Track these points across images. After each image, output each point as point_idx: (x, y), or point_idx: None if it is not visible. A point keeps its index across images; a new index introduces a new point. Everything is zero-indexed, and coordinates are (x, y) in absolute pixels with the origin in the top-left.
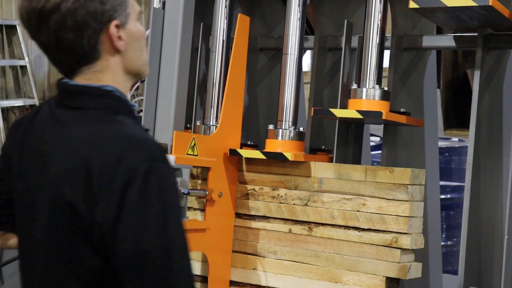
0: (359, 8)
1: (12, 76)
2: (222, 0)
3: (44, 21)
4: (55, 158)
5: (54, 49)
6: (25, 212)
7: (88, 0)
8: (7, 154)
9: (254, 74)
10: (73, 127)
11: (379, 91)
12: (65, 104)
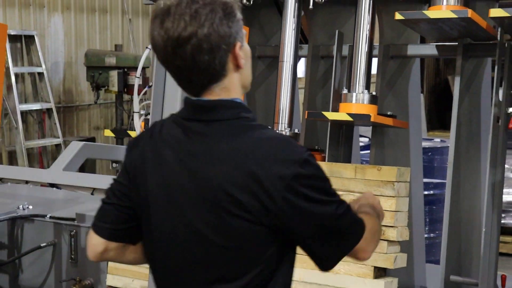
0: (349, 19)
1: (30, 82)
2: None
3: (181, 47)
4: (213, 165)
5: (188, 71)
6: (166, 216)
7: (219, 26)
8: (129, 171)
9: (253, 80)
10: (222, 137)
11: (368, 95)
12: (199, 118)
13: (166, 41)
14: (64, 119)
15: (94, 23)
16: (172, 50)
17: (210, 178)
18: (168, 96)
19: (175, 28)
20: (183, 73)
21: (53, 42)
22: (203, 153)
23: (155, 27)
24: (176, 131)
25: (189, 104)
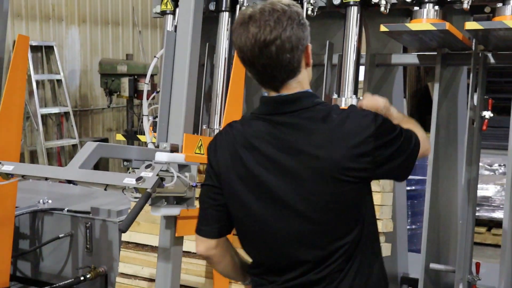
0: (338, 31)
1: (50, 88)
2: (224, 24)
3: (267, 47)
4: (314, 145)
5: (272, 68)
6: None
7: (297, 29)
8: (218, 172)
9: (251, 86)
10: (311, 122)
11: (356, 100)
12: (285, 111)
13: (254, 44)
14: (80, 122)
15: (107, 35)
16: (259, 51)
17: (317, 156)
18: (174, 101)
19: (261, 32)
20: (267, 70)
21: (70, 52)
22: (300, 138)
23: (242, 32)
24: (265, 126)
25: (271, 101)
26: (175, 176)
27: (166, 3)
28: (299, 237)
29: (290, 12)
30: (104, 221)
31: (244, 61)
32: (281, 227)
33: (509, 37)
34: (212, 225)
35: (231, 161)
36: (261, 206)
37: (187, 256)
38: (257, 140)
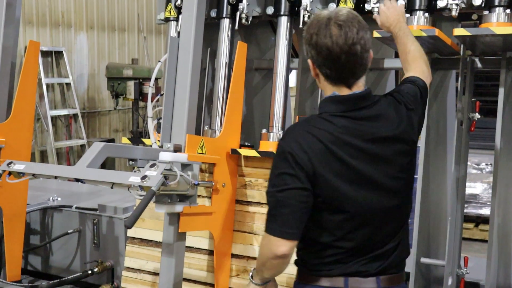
0: None
1: (59, 91)
2: (225, 30)
3: (354, 45)
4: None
5: (354, 64)
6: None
7: (370, 33)
8: (309, 171)
9: (251, 89)
10: (385, 111)
11: None
12: (362, 106)
13: (344, 41)
14: (88, 123)
15: (114, 40)
16: (348, 48)
17: (396, 138)
18: (177, 103)
19: (350, 32)
20: (349, 66)
21: (79, 57)
22: (380, 127)
23: (329, 32)
24: (348, 122)
25: (349, 99)
26: (178, 175)
27: (170, 10)
28: (388, 212)
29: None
30: (111, 218)
31: (328, 58)
32: (376, 207)
33: (495, 43)
34: (298, 228)
35: (324, 158)
36: (359, 192)
37: (190, 251)
38: (345, 135)
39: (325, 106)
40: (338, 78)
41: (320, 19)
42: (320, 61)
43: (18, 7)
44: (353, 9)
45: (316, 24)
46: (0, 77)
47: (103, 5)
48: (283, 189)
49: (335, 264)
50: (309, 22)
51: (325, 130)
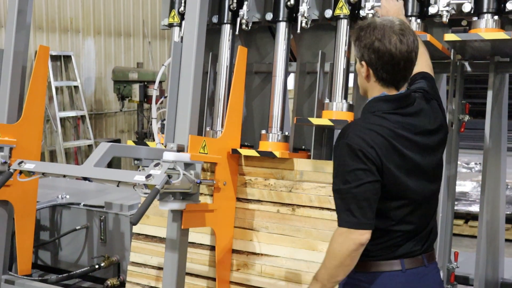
0: (330, 42)
1: (68, 94)
2: (226, 35)
3: (412, 52)
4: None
5: (408, 69)
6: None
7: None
8: (378, 164)
9: (250, 91)
10: (424, 106)
11: (346, 104)
12: (409, 103)
13: (407, 49)
14: (95, 124)
15: (120, 45)
16: (408, 54)
17: (437, 130)
18: (180, 105)
19: (410, 40)
20: (404, 71)
21: (86, 61)
22: (423, 121)
23: (392, 39)
24: (399, 118)
25: (398, 98)
26: (181, 173)
27: (173, 16)
28: (432, 196)
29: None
30: (117, 215)
31: (389, 63)
32: (426, 192)
33: (483, 48)
34: (374, 217)
35: (386, 152)
36: (413, 180)
37: (192, 247)
38: (399, 130)
39: (377, 105)
40: (392, 81)
41: (382, 26)
42: (379, 65)
43: (28, 13)
44: (348, 15)
45: (379, 30)
46: (12, 80)
47: (109, 11)
48: (359, 184)
49: (391, 248)
50: (367, 28)
51: (383, 126)
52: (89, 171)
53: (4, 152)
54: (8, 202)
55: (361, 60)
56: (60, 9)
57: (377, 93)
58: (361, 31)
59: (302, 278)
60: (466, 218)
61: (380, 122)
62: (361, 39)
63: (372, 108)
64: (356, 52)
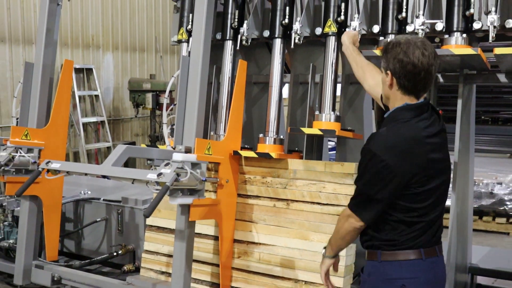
0: (320, 56)
1: (89, 102)
2: (228, 50)
3: (433, 65)
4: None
5: (428, 82)
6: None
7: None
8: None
9: (250, 99)
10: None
11: (334, 115)
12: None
13: (433, 61)
14: (113, 128)
15: (135, 59)
16: (428, 67)
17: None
18: (188, 111)
19: (431, 56)
20: (424, 82)
21: (106, 73)
22: (437, 126)
23: (422, 52)
24: (421, 123)
25: (420, 106)
26: (188, 172)
27: (182, 33)
28: (447, 190)
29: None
30: (132, 208)
31: (411, 72)
32: (445, 188)
33: (454, 62)
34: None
35: (414, 155)
36: (438, 178)
37: (198, 237)
38: (423, 134)
39: (401, 113)
40: (413, 89)
41: (408, 41)
42: (402, 73)
43: (56, 31)
44: (336, 32)
45: (404, 44)
46: (41, 90)
47: (126, 29)
48: (382, 187)
49: (413, 239)
50: (395, 43)
51: (410, 132)
52: (108, 170)
53: (34, 153)
54: (37, 197)
55: (386, 70)
56: (83, 28)
57: (399, 100)
58: (389, 45)
59: (296, 264)
60: None
61: (407, 129)
62: (388, 51)
63: (398, 116)
64: (383, 63)
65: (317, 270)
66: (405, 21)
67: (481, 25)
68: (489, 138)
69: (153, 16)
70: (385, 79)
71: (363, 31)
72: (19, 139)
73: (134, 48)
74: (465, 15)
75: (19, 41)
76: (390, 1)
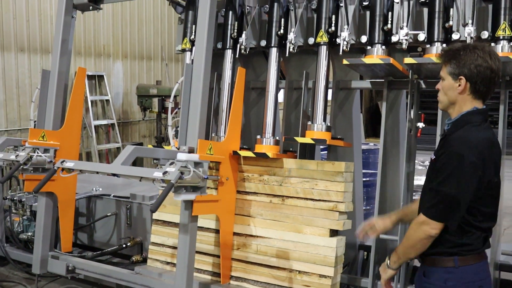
0: (313, 63)
1: (100, 106)
2: (228, 58)
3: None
4: None
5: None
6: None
7: None
8: (488, 169)
9: (248, 104)
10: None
11: (325, 126)
12: (487, 116)
13: (498, 67)
14: (122, 130)
15: (142, 66)
16: (499, 73)
17: None
18: (191, 115)
19: (499, 60)
20: (494, 85)
21: (116, 79)
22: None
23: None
24: (489, 126)
25: (487, 111)
26: (191, 170)
27: (185, 43)
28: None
29: None
30: (140, 204)
31: (488, 77)
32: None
33: (435, 69)
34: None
35: (491, 157)
36: (499, 183)
37: (201, 230)
38: (493, 137)
39: (473, 118)
40: (486, 94)
41: (482, 47)
42: (479, 78)
43: (70, 42)
44: (327, 42)
45: (480, 50)
46: (56, 96)
47: (134, 39)
48: (468, 187)
49: (483, 242)
50: (465, 49)
51: (485, 134)
52: (118, 169)
53: (50, 153)
54: (53, 193)
55: (458, 75)
56: (95, 38)
57: (468, 105)
58: (458, 52)
59: (290, 255)
60: None
61: (481, 132)
62: (460, 57)
63: (472, 120)
64: (451, 69)
65: (310, 261)
66: (391, 32)
67: (459, 36)
68: None
69: (159, 27)
70: (453, 85)
71: (352, 41)
72: (37, 140)
73: (142, 57)
74: (444, 26)
75: (37, 50)
76: (377, 14)
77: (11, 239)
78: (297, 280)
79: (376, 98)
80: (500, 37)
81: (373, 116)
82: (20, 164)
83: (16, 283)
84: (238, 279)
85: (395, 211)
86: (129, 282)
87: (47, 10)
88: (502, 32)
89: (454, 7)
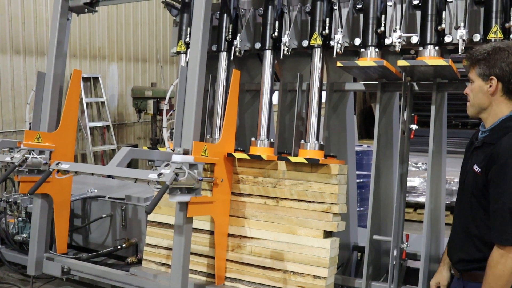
0: (307, 65)
1: (96, 108)
2: (223, 60)
3: None
4: None
5: None
6: None
7: None
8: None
9: (243, 106)
10: None
11: (317, 145)
12: None
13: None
14: (117, 132)
15: (138, 68)
16: None
17: None
18: (186, 117)
19: None
20: None
21: (111, 81)
22: None
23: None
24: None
25: None
26: (186, 172)
27: (180, 45)
28: None
29: None
30: (135, 205)
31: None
32: None
33: (427, 71)
34: None
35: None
36: None
37: (196, 231)
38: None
39: None
40: None
41: (509, 46)
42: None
43: (65, 44)
44: (321, 45)
45: (511, 49)
46: (51, 97)
47: (129, 42)
48: None
49: None
50: (494, 49)
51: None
52: (113, 170)
53: (45, 155)
54: (48, 195)
55: (489, 76)
56: (90, 40)
57: (505, 107)
58: (488, 53)
59: (284, 256)
60: (415, 207)
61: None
62: (490, 58)
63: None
64: (481, 70)
65: (304, 262)
66: (384, 34)
67: (451, 38)
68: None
69: (154, 30)
70: (484, 86)
71: (345, 44)
72: (32, 142)
73: (137, 59)
74: (437, 29)
75: (32, 52)
76: (370, 17)
77: (6, 241)
78: (291, 281)
79: (369, 100)
80: (491, 40)
81: (367, 118)
82: (15, 166)
83: (11, 285)
84: (232, 280)
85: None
86: (124, 284)
87: (42, 13)
88: (494, 35)
89: (446, 10)
